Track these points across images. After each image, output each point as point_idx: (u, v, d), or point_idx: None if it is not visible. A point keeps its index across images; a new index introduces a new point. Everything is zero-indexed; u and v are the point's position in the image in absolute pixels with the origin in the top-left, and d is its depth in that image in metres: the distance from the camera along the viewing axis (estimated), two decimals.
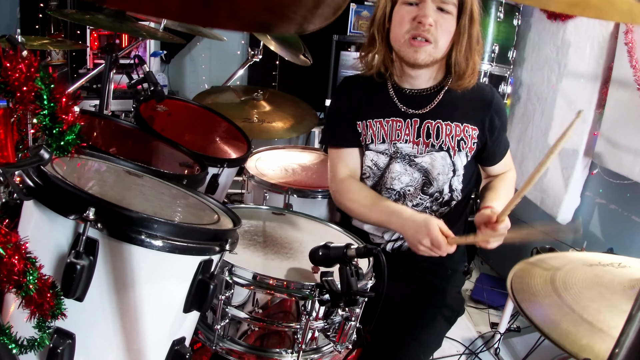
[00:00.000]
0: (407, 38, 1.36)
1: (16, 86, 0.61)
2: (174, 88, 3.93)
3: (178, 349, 0.96)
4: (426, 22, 1.31)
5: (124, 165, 1.19)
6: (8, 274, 0.67)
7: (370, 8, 3.24)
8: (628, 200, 2.21)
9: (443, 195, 1.49)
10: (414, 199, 1.49)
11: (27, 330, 0.75)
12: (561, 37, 2.51)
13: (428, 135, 1.45)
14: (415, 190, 1.49)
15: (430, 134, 1.45)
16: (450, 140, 1.43)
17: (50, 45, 2.51)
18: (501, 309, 2.44)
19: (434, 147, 1.45)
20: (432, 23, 1.32)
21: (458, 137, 1.43)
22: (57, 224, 0.83)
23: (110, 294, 0.86)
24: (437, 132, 1.44)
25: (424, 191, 1.49)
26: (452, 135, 1.43)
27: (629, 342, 0.43)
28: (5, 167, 0.63)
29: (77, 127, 0.67)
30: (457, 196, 1.50)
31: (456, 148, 1.44)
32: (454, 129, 1.43)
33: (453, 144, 1.43)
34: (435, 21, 1.33)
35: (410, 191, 1.49)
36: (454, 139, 1.43)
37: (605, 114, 2.22)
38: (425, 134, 1.45)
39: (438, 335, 1.39)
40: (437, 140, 1.44)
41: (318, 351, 1.20)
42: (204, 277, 0.93)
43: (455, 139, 1.43)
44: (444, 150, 1.44)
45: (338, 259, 1.09)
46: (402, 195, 1.50)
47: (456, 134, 1.43)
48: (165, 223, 0.85)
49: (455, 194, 1.50)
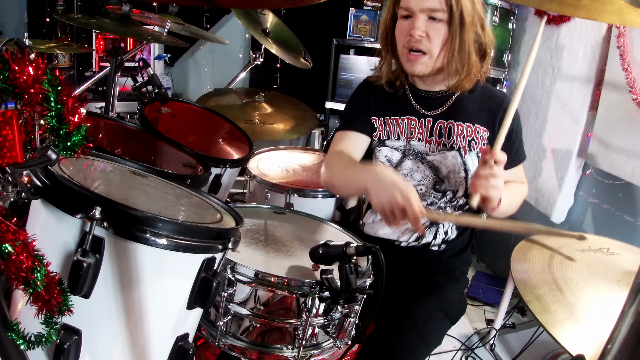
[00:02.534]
0: (404, 52, 1.38)
1: (24, 88, 0.61)
2: (178, 90, 3.93)
3: (182, 344, 0.96)
4: (416, 34, 1.33)
5: (129, 165, 1.19)
6: (16, 271, 0.67)
7: (369, 12, 3.23)
8: (620, 200, 2.21)
9: (457, 197, 1.49)
10: (428, 197, 1.49)
11: (35, 326, 0.75)
12: (555, 40, 2.51)
13: (440, 135, 1.46)
14: (427, 189, 1.49)
15: (442, 133, 1.46)
16: (461, 140, 1.44)
17: (57, 49, 2.52)
18: (497, 306, 2.44)
19: (446, 146, 1.46)
20: (422, 35, 1.33)
21: (469, 137, 1.44)
22: (64, 222, 0.83)
23: (116, 291, 0.86)
24: (449, 131, 1.45)
25: (435, 189, 1.49)
26: (463, 135, 1.44)
27: (622, 338, 0.43)
28: (13, 167, 0.63)
29: (83, 129, 0.67)
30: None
31: (467, 148, 1.44)
32: (465, 130, 1.44)
33: (464, 144, 1.44)
34: (427, 32, 1.33)
35: (422, 190, 1.49)
36: (465, 139, 1.44)
37: (598, 115, 2.22)
38: (438, 134, 1.47)
39: (440, 333, 1.39)
40: (448, 140, 1.46)
41: (318, 347, 1.20)
42: (207, 274, 0.93)
43: (467, 139, 1.44)
44: (454, 149, 1.45)
45: (338, 257, 1.09)
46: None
47: (467, 135, 1.44)
48: (170, 222, 0.85)
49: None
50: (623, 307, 0.43)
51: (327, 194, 1.82)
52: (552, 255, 1.25)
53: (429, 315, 1.36)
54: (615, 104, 2.11)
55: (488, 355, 2.22)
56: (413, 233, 1.51)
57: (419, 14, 1.33)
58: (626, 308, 0.43)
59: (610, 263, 1.23)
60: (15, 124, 0.60)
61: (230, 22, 3.84)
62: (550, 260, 1.22)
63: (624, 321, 0.43)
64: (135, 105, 2.58)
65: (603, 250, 1.29)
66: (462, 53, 1.35)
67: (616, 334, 0.43)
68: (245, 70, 3.00)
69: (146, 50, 3.24)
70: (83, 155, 0.68)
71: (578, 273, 1.16)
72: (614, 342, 0.44)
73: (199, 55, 3.98)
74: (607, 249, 1.30)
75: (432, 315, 1.37)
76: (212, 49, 3.94)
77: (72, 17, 2.21)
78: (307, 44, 2.85)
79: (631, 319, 0.42)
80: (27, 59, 0.61)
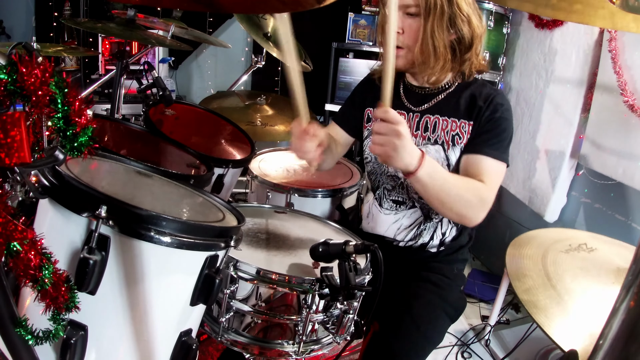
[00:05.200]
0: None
1: (32, 90, 0.61)
2: (182, 93, 3.93)
3: (185, 340, 0.96)
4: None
5: (134, 165, 1.19)
6: (25, 269, 0.67)
7: (367, 17, 3.23)
8: (612, 200, 2.21)
9: None
10: (412, 190, 1.49)
11: (43, 322, 0.75)
12: (548, 44, 2.51)
13: (426, 129, 1.46)
14: None
15: (428, 127, 1.46)
16: (445, 134, 1.44)
17: (64, 52, 2.52)
18: (492, 303, 2.44)
19: (430, 140, 1.46)
20: (399, 30, 1.35)
21: (453, 132, 1.43)
22: (71, 221, 0.83)
23: (121, 288, 0.86)
24: (434, 126, 1.45)
25: None
26: (447, 130, 1.44)
27: (613, 334, 0.43)
28: (22, 167, 0.63)
29: (89, 130, 0.67)
30: None
31: (450, 143, 1.43)
32: (449, 124, 1.44)
33: (447, 139, 1.43)
34: (403, 27, 1.35)
35: (406, 182, 1.48)
36: (449, 133, 1.43)
37: (590, 117, 2.22)
38: (423, 128, 1.47)
39: (442, 332, 1.38)
40: (433, 134, 1.45)
41: (318, 342, 1.20)
42: (210, 271, 0.93)
43: (450, 134, 1.43)
44: (438, 143, 1.45)
45: (337, 255, 1.09)
46: (406, 185, 1.49)
47: (451, 129, 1.43)
48: (174, 220, 0.85)
49: None
50: (615, 303, 0.43)
51: (327, 193, 1.82)
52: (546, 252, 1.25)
53: (431, 314, 1.35)
54: (607, 106, 2.11)
55: (483, 351, 2.22)
56: (409, 232, 1.51)
57: (394, 12, 1.31)
58: (617, 304, 0.43)
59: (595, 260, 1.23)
60: (23, 125, 0.60)
61: (232, 27, 3.84)
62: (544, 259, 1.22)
63: (616, 317, 0.43)
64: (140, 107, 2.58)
65: (584, 248, 1.28)
66: (429, 44, 1.34)
67: (607, 330, 0.43)
68: (247, 73, 3.00)
69: (151, 54, 3.24)
70: (89, 156, 0.68)
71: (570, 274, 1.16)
72: (606, 338, 0.44)
73: (202, 58, 3.97)
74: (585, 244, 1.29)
75: (434, 315, 1.36)
76: (215, 53, 3.94)
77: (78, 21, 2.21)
78: (308, 48, 2.85)
79: (622, 315, 0.42)
80: (35, 62, 0.61)
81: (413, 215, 1.50)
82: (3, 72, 0.60)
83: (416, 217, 1.50)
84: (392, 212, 1.52)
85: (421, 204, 1.49)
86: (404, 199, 1.51)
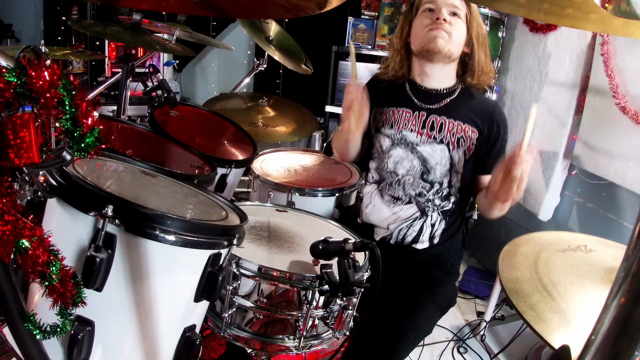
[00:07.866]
0: (426, 30, 1.45)
1: (40, 93, 0.61)
2: (186, 95, 3.93)
3: (189, 335, 0.96)
4: (442, 17, 1.42)
5: (139, 165, 1.19)
6: (33, 265, 0.67)
7: (366, 21, 3.23)
8: (604, 199, 2.21)
9: (443, 188, 1.52)
10: (416, 187, 1.52)
11: (50, 317, 0.75)
12: (542, 48, 2.50)
13: (432, 128, 1.50)
14: (415, 179, 1.52)
15: (434, 127, 1.50)
16: (450, 135, 1.48)
17: (71, 55, 2.52)
18: (487, 299, 2.44)
19: (436, 139, 1.49)
20: (447, 19, 1.42)
21: (458, 135, 1.48)
22: (78, 220, 0.83)
23: (127, 285, 0.86)
24: (440, 126, 1.49)
25: (423, 178, 1.52)
26: (453, 132, 1.48)
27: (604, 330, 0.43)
28: (30, 167, 0.63)
29: (96, 131, 0.67)
30: (455, 193, 1.53)
31: (455, 144, 1.48)
32: (455, 127, 1.48)
33: (453, 140, 1.48)
34: (449, 21, 1.43)
35: (410, 180, 1.52)
36: (455, 135, 1.48)
37: (583, 119, 2.22)
38: (430, 127, 1.50)
39: (431, 322, 1.40)
40: (439, 134, 1.49)
41: (318, 337, 1.20)
42: (213, 269, 0.93)
43: (456, 136, 1.48)
44: (443, 143, 1.49)
45: (337, 253, 1.09)
46: (403, 183, 1.52)
47: (457, 132, 1.48)
48: (178, 219, 0.86)
49: (454, 190, 1.53)
50: (606, 299, 0.43)
51: (327, 193, 1.82)
52: (537, 258, 1.24)
53: (419, 304, 1.37)
54: (599, 108, 2.11)
55: (479, 346, 2.22)
56: (403, 223, 1.54)
57: (443, 7, 1.43)
58: (609, 301, 0.43)
59: (590, 261, 1.22)
60: (32, 126, 0.60)
61: (235, 31, 3.84)
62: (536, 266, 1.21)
63: (607, 313, 0.43)
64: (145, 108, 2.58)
65: (581, 248, 1.28)
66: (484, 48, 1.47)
67: (599, 326, 0.43)
68: (249, 75, 3.00)
69: (156, 57, 3.24)
70: (96, 156, 0.68)
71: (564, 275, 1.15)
72: (597, 334, 0.44)
73: (205, 61, 3.97)
74: (584, 246, 1.29)
75: (422, 305, 1.38)
76: (218, 56, 3.94)
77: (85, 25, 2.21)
78: (308, 51, 2.85)
79: (614, 312, 0.42)
80: (43, 65, 0.61)
81: (409, 210, 1.54)
82: (12, 74, 0.60)
83: (412, 212, 1.53)
84: (390, 205, 1.56)
85: (417, 201, 1.51)
86: (401, 195, 1.54)
